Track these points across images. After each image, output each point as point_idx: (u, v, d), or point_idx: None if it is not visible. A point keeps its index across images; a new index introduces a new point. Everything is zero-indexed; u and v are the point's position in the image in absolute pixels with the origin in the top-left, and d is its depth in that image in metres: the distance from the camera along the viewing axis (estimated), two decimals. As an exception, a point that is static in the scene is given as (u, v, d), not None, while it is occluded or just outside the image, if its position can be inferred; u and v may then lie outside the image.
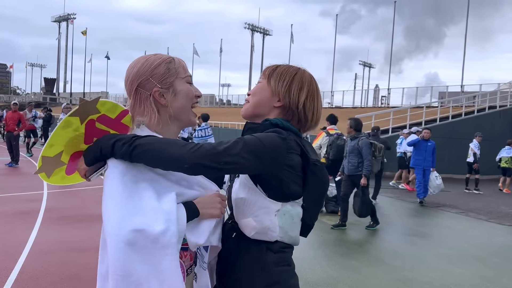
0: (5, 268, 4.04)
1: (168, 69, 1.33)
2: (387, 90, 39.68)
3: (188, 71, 1.41)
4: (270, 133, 1.31)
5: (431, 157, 9.27)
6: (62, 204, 6.97)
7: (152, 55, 1.37)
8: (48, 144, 1.21)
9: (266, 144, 1.26)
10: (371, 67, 70.05)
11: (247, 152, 1.22)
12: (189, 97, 1.36)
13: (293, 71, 1.46)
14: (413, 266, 4.88)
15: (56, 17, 70.44)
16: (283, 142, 1.30)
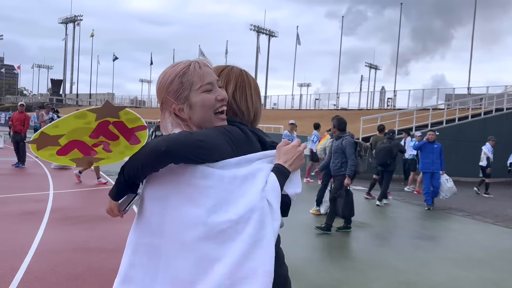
0: (11, 267, 4.07)
1: (181, 83, 1.34)
2: (393, 92, 39.55)
3: (208, 77, 1.36)
4: (222, 127, 1.38)
5: (438, 160, 8.99)
6: (67, 205, 7.01)
7: (170, 68, 1.37)
8: (53, 124, 1.21)
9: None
10: (377, 69, 69.89)
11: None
12: (207, 106, 1.34)
13: (219, 68, 1.52)
14: (418, 269, 4.85)
15: (63, 18, 71.00)
16: (237, 131, 1.37)
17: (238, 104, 1.48)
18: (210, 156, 1.26)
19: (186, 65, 1.36)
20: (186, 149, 1.22)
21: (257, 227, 1.22)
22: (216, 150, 1.28)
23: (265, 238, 1.23)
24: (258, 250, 1.21)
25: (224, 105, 1.39)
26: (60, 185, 8.73)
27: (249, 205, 1.24)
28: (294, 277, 4.46)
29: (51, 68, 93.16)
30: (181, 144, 1.22)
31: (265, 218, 1.24)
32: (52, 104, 50.42)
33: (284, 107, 44.13)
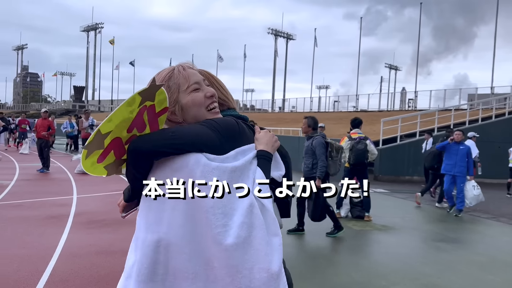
0: (37, 270, 4.17)
1: (168, 87, 1.37)
2: (414, 93, 39.01)
3: (193, 77, 1.41)
4: (219, 119, 1.43)
5: (463, 163, 8.22)
6: (90, 209, 7.14)
7: (156, 75, 1.42)
8: (108, 118, 1.25)
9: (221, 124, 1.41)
10: (397, 69, 69.09)
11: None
12: (197, 104, 1.39)
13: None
14: (441, 273, 4.77)
15: (84, 26, 72.47)
16: (233, 122, 1.42)
17: (220, 95, 1.53)
18: (189, 146, 1.28)
19: (170, 70, 1.41)
20: (157, 144, 1.27)
21: (249, 229, 1.25)
22: (193, 139, 1.29)
23: (257, 237, 1.25)
24: (251, 251, 1.24)
25: (214, 101, 1.42)
26: (83, 189, 8.90)
27: (241, 210, 1.26)
28: (314, 280, 4.46)
29: (73, 75, 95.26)
30: (150, 140, 1.27)
31: (255, 220, 1.26)
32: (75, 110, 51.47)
33: (303, 109, 43.99)
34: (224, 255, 1.23)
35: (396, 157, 13.89)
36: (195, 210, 1.27)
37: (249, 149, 1.39)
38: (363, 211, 7.36)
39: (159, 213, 1.30)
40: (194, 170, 1.26)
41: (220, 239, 1.23)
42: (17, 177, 10.72)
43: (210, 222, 1.24)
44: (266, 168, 1.36)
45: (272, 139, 1.45)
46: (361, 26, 52.79)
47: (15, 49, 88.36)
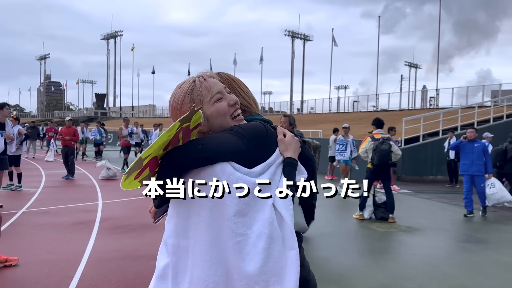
0: (67, 276, 4.27)
1: (192, 100, 1.39)
2: (436, 91, 38.38)
3: (215, 87, 1.42)
4: (247, 124, 1.45)
5: (480, 161, 7.89)
6: (115, 214, 7.26)
7: (177, 89, 1.44)
8: (150, 146, 1.30)
9: (249, 130, 1.42)
10: (417, 67, 68.10)
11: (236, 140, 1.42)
12: (222, 113, 1.40)
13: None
14: (470, 274, 4.68)
15: (104, 35, 73.85)
16: (262, 127, 1.45)
17: (242, 102, 1.54)
18: (217, 157, 1.30)
19: (191, 82, 1.42)
20: (186, 158, 1.30)
21: (268, 241, 1.26)
22: (220, 150, 1.31)
23: (275, 250, 1.27)
24: (269, 263, 1.26)
25: (238, 108, 1.44)
26: (108, 195, 9.06)
27: (261, 220, 1.28)
28: (340, 283, 4.43)
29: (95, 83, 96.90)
30: (180, 154, 1.30)
31: (274, 231, 1.28)
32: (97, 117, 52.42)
33: (322, 110, 43.79)
34: (242, 264, 1.25)
35: (419, 157, 13.70)
36: (218, 217, 1.29)
37: (273, 161, 1.40)
38: (387, 212, 7.28)
39: (186, 219, 1.33)
40: (220, 178, 1.29)
41: (239, 248, 1.26)
42: (43, 184, 10.99)
43: (230, 230, 1.26)
44: (291, 175, 1.37)
45: (298, 145, 1.46)
46: (379, 25, 52.37)
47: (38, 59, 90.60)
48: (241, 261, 1.25)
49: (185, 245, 1.32)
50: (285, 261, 1.28)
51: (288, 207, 1.32)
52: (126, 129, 14.19)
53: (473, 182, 8.01)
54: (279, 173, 1.38)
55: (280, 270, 1.26)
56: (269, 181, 1.33)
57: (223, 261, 1.28)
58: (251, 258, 1.25)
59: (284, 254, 1.28)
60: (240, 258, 1.25)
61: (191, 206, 1.32)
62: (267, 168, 1.36)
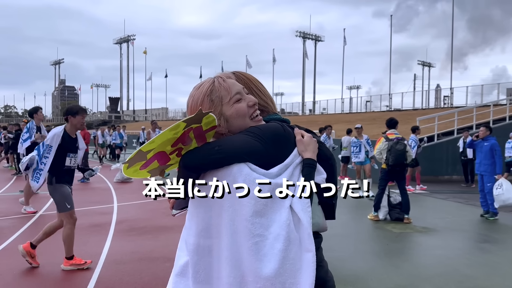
0: (84, 278, 4.32)
1: (211, 101, 1.39)
2: (450, 90, 37.91)
3: (234, 88, 1.41)
4: (264, 125, 1.44)
5: (488, 160, 7.68)
6: (131, 216, 7.33)
7: (196, 90, 1.43)
8: (151, 140, 1.32)
9: (266, 131, 1.41)
10: (430, 66, 67.37)
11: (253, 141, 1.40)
12: (242, 114, 1.40)
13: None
14: (488, 275, 4.61)
15: (117, 39, 74.59)
16: (279, 127, 1.43)
17: (259, 102, 1.52)
18: (234, 159, 1.31)
19: (210, 83, 1.41)
20: (204, 160, 1.31)
21: (285, 243, 1.26)
22: (237, 152, 1.31)
23: (292, 252, 1.27)
24: (286, 264, 1.26)
25: (256, 109, 1.43)
26: (123, 197, 9.15)
27: (279, 222, 1.28)
28: (356, 285, 4.41)
29: (108, 87, 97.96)
30: (197, 156, 1.31)
31: (291, 233, 1.28)
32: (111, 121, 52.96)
33: (334, 111, 43.57)
34: (259, 266, 1.25)
35: (434, 156, 13.54)
36: (236, 218, 1.30)
37: (291, 161, 1.39)
38: (402, 213, 7.21)
39: (207, 219, 1.34)
40: (237, 178, 1.29)
41: (256, 249, 1.26)
42: (60, 187, 11.14)
43: (248, 231, 1.27)
44: (310, 176, 1.37)
45: (316, 145, 1.45)
46: (392, 23, 51.97)
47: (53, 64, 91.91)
48: (258, 262, 1.25)
49: (208, 244, 1.33)
50: (300, 263, 1.27)
51: (306, 209, 1.31)
52: (153, 133, 13.78)
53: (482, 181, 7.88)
54: (297, 174, 1.37)
55: (296, 272, 1.26)
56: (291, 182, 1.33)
57: (239, 262, 1.29)
58: (268, 259, 1.25)
59: (301, 256, 1.28)
60: (257, 259, 1.25)
61: (212, 206, 1.33)
62: (284, 169, 1.36)
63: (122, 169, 1.37)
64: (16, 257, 5.02)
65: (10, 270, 4.57)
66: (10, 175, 13.71)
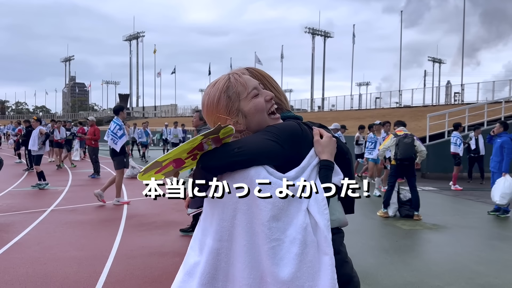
0: (95, 271, 4.37)
1: (228, 98, 1.37)
2: (460, 86, 37.53)
3: (250, 83, 1.39)
4: (281, 124, 1.41)
5: (497, 157, 7.66)
6: (141, 212, 7.38)
7: (211, 88, 1.40)
8: (167, 153, 1.33)
9: (284, 131, 1.37)
10: (441, 62, 66.80)
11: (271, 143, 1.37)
12: (260, 109, 1.38)
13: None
14: (498, 272, 4.58)
15: (127, 36, 74.99)
16: (296, 126, 1.40)
17: (274, 98, 1.50)
18: (252, 162, 1.29)
19: (226, 79, 1.39)
20: (222, 162, 1.29)
21: (302, 246, 1.26)
22: (256, 155, 1.30)
23: (309, 255, 1.27)
24: (303, 268, 1.26)
25: (273, 104, 1.41)
26: (133, 193, 9.21)
27: (295, 226, 1.28)
28: (366, 281, 4.40)
29: (118, 84, 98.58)
30: (216, 157, 1.29)
31: (307, 236, 1.27)
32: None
33: (343, 108, 43.40)
34: (276, 270, 1.25)
35: (444, 153, 13.39)
36: (253, 221, 1.29)
37: (308, 163, 1.38)
38: (412, 210, 7.18)
39: (220, 221, 1.33)
40: (254, 181, 1.29)
41: (273, 253, 1.26)
42: (70, 183, 11.26)
43: (265, 235, 1.26)
44: (328, 178, 1.36)
45: (335, 146, 1.43)
46: (402, 19, 51.51)
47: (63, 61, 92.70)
48: (275, 266, 1.25)
49: (217, 247, 1.32)
50: (319, 266, 1.27)
51: (323, 212, 1.30)
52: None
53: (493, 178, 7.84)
54: (314, 176, 1.36)
55: (314, 275, 1.26)
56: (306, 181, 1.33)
57: (257, 264, 1.28)
58: (285, 263, 1.25)
59: (318, 259, 1.28)
60: (274, 263, 1.25)
61: (226, 208, 1.32)
62: (301, 172, 1.35)
63: (137, 176, 1.38)
64: (28, 251, 5.10)
65: (22, 263, 4.63)
66: (21, 170, 13.89)
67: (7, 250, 5.13)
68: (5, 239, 5.60)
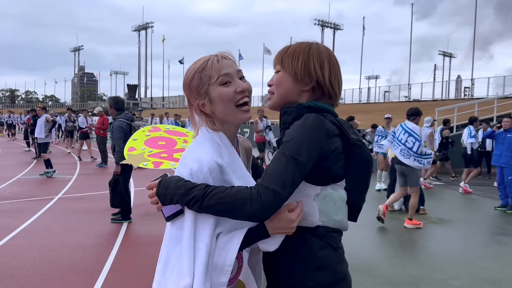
0: (100, 259, 4.43)
1: (200, 78, 1.34)
2: (471, 81, 37.14)
3: (225, 69, 1.34)
4: (306, 128, 1.26)
5: (509, 152, 7.56)
6: (147, 201, 7.38)
7: (192, 65, 1.38)
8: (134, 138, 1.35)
9: (308, 145, 1.25)
10: (451, 56, 66.07)
11: (298, 169, 1.23)
12: (226, 99, 1.32)
13: (305, 48, 1.39)
14: (503, 267, 4.56)
15: (135, 26, 74.99)
16: (321, 131, 1.27)
17: (333, 86, 1.39)
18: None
19: (205, 60, 1.35)
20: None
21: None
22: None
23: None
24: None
25: (245, 96, 1.35)
26: (140, 182, 9.28)
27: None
28: (369, 273, 4.41)
29: (126, 74, 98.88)
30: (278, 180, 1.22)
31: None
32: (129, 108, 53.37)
33: (351, 101, 43.17)
34: None
35: (452, 148, 13.32)
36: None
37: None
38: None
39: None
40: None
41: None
42: (78, 171, 11.36)
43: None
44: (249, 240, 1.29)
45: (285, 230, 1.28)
46: (413, 11, 50.96)
47: (72, 51, 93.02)
48: None
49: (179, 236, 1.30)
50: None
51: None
52: (261, 122, 12.04)
53: (501, 174, 7.75)
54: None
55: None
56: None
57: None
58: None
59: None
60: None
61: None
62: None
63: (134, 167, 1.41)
64: (35, 238, 5.17)
65: (29, 249, 4.70)
66: (30, 158, 14.03)
67: (15, 236, 5.21)
68: (13, 225, 5.68)
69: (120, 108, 6.06)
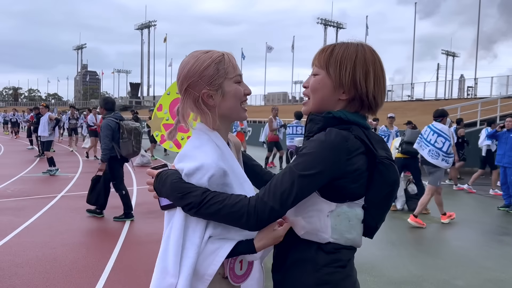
0: (104, 257, 4.44)
1: (217, 69, 1.32)
2: (474, 80, 37.02)
3: (238, 69, 1.37)
4: (325, 147, 1.21)
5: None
6: (150, 199, 7.44)
7: (203, 54, 1.35)
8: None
9: (322, 168, 1.19)
10: (455, 56, 65.88)
11: (304, 188, 1.20)
12: (238, 97, 1.35)
13: (352, 54, 1.30)
14: (506, 267, 4.55)
15: (138, 25, 75.08)
16: (341, 149, 1.21)
17: (376, 98, 1.33)
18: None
19: (220, 54, 1.35)
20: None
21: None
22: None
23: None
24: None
25: (246, 100, 1.39)
26: (143, 180, 9.30)
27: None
28: (372, 273, 4.41)
29: (129, 72, 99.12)
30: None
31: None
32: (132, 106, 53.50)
33: (355, 100, 42.98)
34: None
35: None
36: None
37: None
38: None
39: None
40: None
41: None
42: (81, 169, 11.38)
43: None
44: (236, 251, 1.28)
45: (270, 245, 1.30)
46: (416, 10, 50.81)
47: (75, 49, 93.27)
48: None
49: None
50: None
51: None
52: (275, 121, 11.67)
53: (505, 174, 7.74)
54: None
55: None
56: None
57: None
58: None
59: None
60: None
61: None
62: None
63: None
64: (38, 236, 5.18)
65: (32, 247, 4.72)
66: (33, 156, 14.07)
67: (18, 234, 5.23)
68: (16, 223, 5.70)
69: (110, 108, 6.20)
